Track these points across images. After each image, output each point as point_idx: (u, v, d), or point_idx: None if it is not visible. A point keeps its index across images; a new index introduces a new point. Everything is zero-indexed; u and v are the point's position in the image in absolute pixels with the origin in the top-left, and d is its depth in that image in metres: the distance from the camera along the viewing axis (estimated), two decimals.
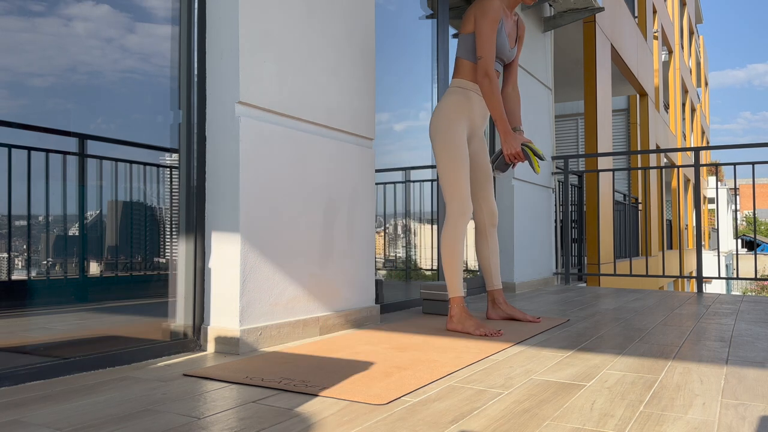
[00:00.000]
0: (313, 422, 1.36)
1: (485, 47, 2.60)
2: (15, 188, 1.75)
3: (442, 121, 2.70)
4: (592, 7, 5.14)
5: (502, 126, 2.62)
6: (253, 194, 2.19)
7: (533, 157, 2.61)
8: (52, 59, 1.83)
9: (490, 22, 2.61)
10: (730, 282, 31.97)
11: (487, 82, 2.59)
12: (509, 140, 2.63)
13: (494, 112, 2.61)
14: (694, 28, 25.86)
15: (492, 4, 2.63)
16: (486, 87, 2.60)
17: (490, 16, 2.61)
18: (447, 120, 2.69)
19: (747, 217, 53.11)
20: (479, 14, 2.63)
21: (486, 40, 2.60)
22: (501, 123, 2.62)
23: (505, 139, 2.64)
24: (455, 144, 2.67)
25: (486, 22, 2.60)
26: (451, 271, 2.63)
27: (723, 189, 39.95)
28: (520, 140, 2.64)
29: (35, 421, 1.36)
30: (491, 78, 2.59)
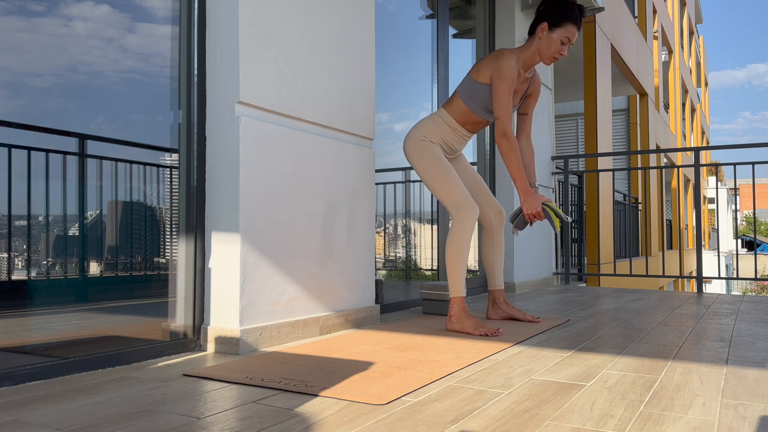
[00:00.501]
0: (313, 422, 1.36)
1: (503, 108, 2.60)
2: (15, 188, 1.75)
3: (416, 140, 2.72)
4: (592, 7, 5.14)
5: (522, 185, 2.62)
6: (253, 194, 2.19)
7: (554, 217, 2.62)
8: (52, 59, 1.83)
9: (507, 84, 2.60)
10: (730, 282, 31.97)
11: (506, 142, 2.60)
12: (529, 200, 2.63)
13: (513, 171, 2.61)
14: (694, 28, 25.87)
15: (509, 64, 2.60)
16: (505, 147, 2.60)
17: (507, 78, 2.60)
18: (420, 138, 2.72)
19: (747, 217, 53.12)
20: (496, 75, 2.61)
21: (503, 101, 2.60)
22: (520, 182, 2.62)
23: (525, 199, 2.64)
24: (433, 155, 2.69)
25: (503, 85, 2.60)
26: (455, 271, 2.62)
27: (723, 189, 39.95)
28: (540, 200, 2.64)
29: (35, 421, 1.36)
30: (510, 138, 2.59)
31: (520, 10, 4.78)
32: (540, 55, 2.70)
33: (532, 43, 2.72)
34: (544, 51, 2.69)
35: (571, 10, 2.66)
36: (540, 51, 2.69)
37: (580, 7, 2.69)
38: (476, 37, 4.65)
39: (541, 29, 2.68)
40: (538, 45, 2.70)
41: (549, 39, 2.67)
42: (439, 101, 3.95)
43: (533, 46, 2.71)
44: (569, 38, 2.68)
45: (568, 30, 2.66)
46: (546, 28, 2.67)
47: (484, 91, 2.69)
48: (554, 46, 2.67)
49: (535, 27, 2.72)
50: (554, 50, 2.68)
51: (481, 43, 4.66)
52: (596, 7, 5.15)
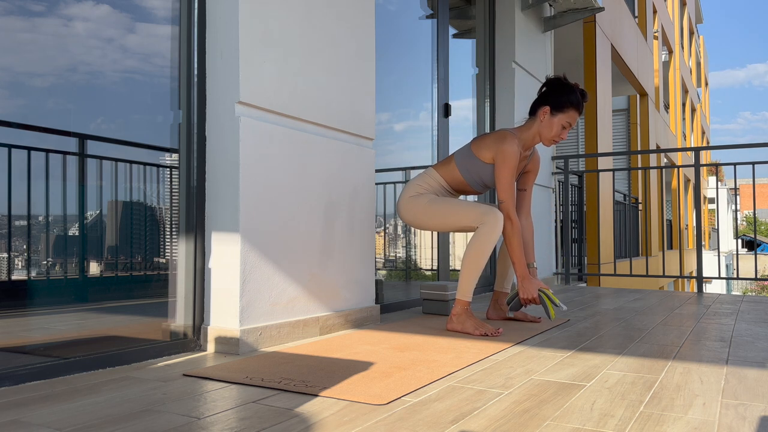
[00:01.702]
0: (313, 422, 1.36)
1: (506, 192, 2.62)
2: (15, 188, 1.75)
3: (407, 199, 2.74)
4: (592, 7, 5.14)
5: (521, 270, 2.64)
6: (253, 194, 2.19)
7: (549, 304, 2.64)
8: (52, 59, 1.83)
9: (510, 168, 2.62)
10: (730, 282, 31.97)
11: (509, 226, 2.61)
12: (527, 285, 2.65)
13: (514, 256, 2.62)
14: (694, 28, 25.87)
15: (512, 150, 2.62)
16: (508, 230, 2.62)
17: (511, 163, 2.62)
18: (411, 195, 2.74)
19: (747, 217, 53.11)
20: (500, 159, 2.62)
21: (506, 185, 2.62)
22: (519, 267, 2.64)
23: (522, 284, 2.66)
24: (426, 199, 2.70)
25: (506, 168, 2.62)
26: (470, 275, 2.60)
27: (723, 189, 39.95)
28: (537, 286, 2.66)
29: (35, 421, 1.36)
30: (513, 222, 2.61)
31: (520, 10, 4.78)
32: (540, 136, 2.73)
33: (533, 124, 2.73)
34: (545, 134, 2.71)
35: (573, 95, 2.68)
36: (541, 133, 2.72)
37: (582, 91, 2.72)
38: (476, 37, 4.66)
39: (543, 112, 2.70)
40: (539, 127, 2.72)
41: (550, 123, 2.69)
42: (439, 101, 3.95)
43: (534, 128, 2.73)
44: (570, 123, 2.70)
45: (570, 115, 2.69)
46: (548, 112, 2.69)
47: (483, 169, 2.71)
48: (555, 129, 2.69)
49: (537, 108, 2.73)
50: (555, 134, 2.70)
51: (481, 43, 4.67)
52: (596, 7, 5.15)
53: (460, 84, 4.30)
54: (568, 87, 2.69)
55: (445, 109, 3.98)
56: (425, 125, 3.92)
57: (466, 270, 2.60)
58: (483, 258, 2.58)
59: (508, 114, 4.68)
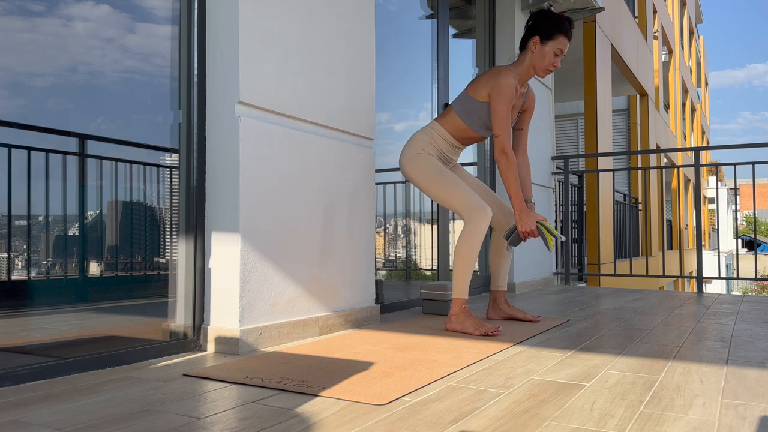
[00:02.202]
0: (313, 422, 1.36)
1: (502, 126, 2.62)
2: (15, 188, 1.75)
3: (412, 156, 2.73)
4: (592, 7, 5.14)
5: (518, 203, 2.64)
6: (253, 194, 2.19)
7: (548, 235, 2.63)
8: (52, 59, 1.83)
9: (506, 102, 2.62)
10: (730, 282, 31.96)
11: (504, 160, 2.61)
12: (524, 218, 2.65)
13: (510, 189, 2.63)
14: (694, 28, 25.87)
15: (507, 82, 2.62)
16: (503, 164, 2.62)
17: (506, 95, 2.61)
18: (417, 153, 2.73)
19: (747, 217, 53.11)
20: (495, 93, 2.62)
21: (503, 119, 2.62)
22: (516, 200, 2.64)
23: (520, 216, 2.65)
24: (432, 167, 2.69)
25: (501, 102, 2.61)
26: (462, 273, 2.61)
27: (723, 189, 39.95)
28: (535, 218, 2.65)
29: (35, 421, 1.36)
30: (509, 156, 2.61)
31: (520, 10, 4.78)
32: (534, 68, 2.74)
33: (525, 57, 2.75)
34: (538, 64, 2.72)
35: (561, 23, 2.70)
36: (534, 65, 2.73)
37: (568, 18, 2.73)
38: (476, 37, 4.65)
39: (533, 43, 2.71)
40: (531, 59, 2.73)
41: (542, 52, 2.70)
42: (439, 101, 3.95)
43: (527, 60, 2.74)
44: (561, 50, 2.72)
45: (560, 42, 2.70)
46: (538, 42, 2.70)
47: (482, 109, 2.71)
48: (547, 58, 2.71)
49: (526, 42, 2.75)
50: (548, 63, 2.71)
51: (481, 43, 4.66)
52: (596, 7, 5.15)
53: (460, 84, 4.30)
54: (554, 16, 2.72)
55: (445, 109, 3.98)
56: (425, 125, 3.92)
57: (458, 268, 2.62)
58: (472, 255, 2.60)
59: None
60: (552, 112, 5.41)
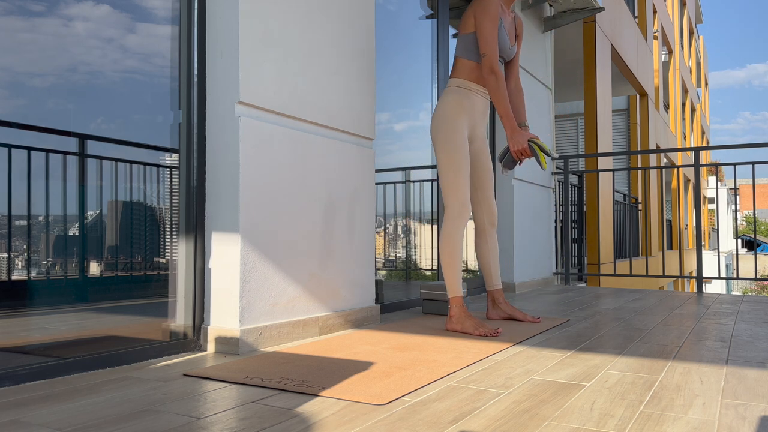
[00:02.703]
0: (313, 422, 1.36)
1: (489, 44, 2.61)
2: (15, 188, 1.75)
3: (443, 121, 2.71)
4: (592, 7, 5.14)
5: (509, 122, 2.62)
6: (253, 194, 2.19)
7: (540, 153, 2.60)
8: (52, 59, 1.83)
9: (491, 20, 2.63)
10: (730, 282, 31.96)
11: (493, 79, 2.60)
12: (516, 137, 2.63)
13: (500, 108, 2.61)
14: (694, 28, 25.86)
15: (491, 1, 2.64)
16: (492, 83, 2.60)
17: (491, 13, 2.63)
18: (447, 119, 2.70)
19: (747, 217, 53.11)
20: (479, 12, 2.64)
21: (489, 37, 2.62)
22: (507, 119, 2.62)
23: (512, 135, 2.64)
24: (456, 144, 2.67)
25: (486, 20, 2.62)
26: (450, 271, 2.63)
27: (723, 189, 39.94)
28: (527, 136, 2.64)
29: (35, 421, 1.36)
30: (497, 74, 2.60)
31: (520, 10, 4.78)
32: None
33: None
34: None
35: None
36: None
37: None
38: None
39: None
40: None
41: None
42: None
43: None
44: None
45: None
46: None
47: (475, 39, 2.72)
48: None
49: None
50: None
51: None
52: (596, 7, 5.15)
53: None
54: None
55: None
56: (425, 125, 3.93)
57: (445, 267, 2.65)
58: (455, 253, 2.62)
59: None
60: (552, 112, 5.41)
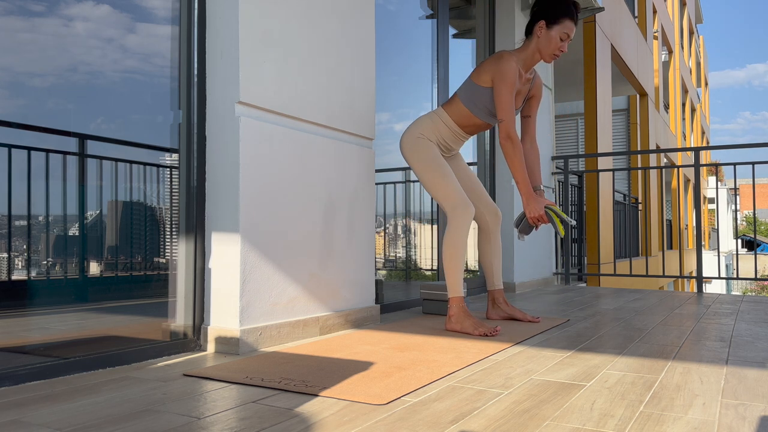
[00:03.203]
0: (313, 422, 1.36)
1: (506, 111, 2.59)
2: (15, 188, 1.75)
3: (412, 138, 2.73)
4: (592, 7, 5.14)
5: (525, 189, 2.61)
6: (253, 194, 2.19)
7: (557, 220, 2.61)
8: (52, 59, 1.83)
9: (509, 86, 2.59)
10: (730, 282, 31.96)
11: (510, 146, 2.58)
12: (532, 204, 2.62)
13: (517, 175, 2.60)
14: (694, 28, 25.86)
15: (509, 66, 2.60)
16: (509, 150, 2.59)
17: (509, 79, 2.59)
18: (417, 136, 2.72)
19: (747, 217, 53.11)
20: (497, 77, 2.60)
21: (506, 103, 2.59)
22: (523, 186, 2.61)
23: (528, 202, 2.62)
24: (430, 154, 2.68)
25: (504, 86, 2.59)
26: (452, 271, 2.63)
27: (723, 189, 39.95)
28: (543, 203, 2.63)
29: (35, 421, 1.36)
30: (514, 141, 2.58)
31: (520, 10, 4.78)
32: (540, 53, 2.70)
33: (530, 43, 2.72)
34: (544, 49, 2.69)
35: (567, 6, 2.67)
36: (540, 50, 2.70)
37: (574, 2, 2.70)
38: (476, 37, 4.65)
39: (539, 28, 2.68)
40: (537, 44, 2.70)
41: (548, 37, 2.67)
42: (439, 101, 3.95)
43: (532, 45, 2.71)
44: (568, 34, 2.68)
45: (566, 26, 2.67)
46: (544, 26, 2.68)
47: (486, 95, 2.69)
48: (554, 43, 2.67)
49: (532, 27, 2.72)
50: (554, 47, 2.68)
51: (481, 43, 4.66)
52: (596, 7, 5.15)
53: (460, 84, 4.30)
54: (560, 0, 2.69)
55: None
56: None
57: (447, 267, 2.63)
58: (458, 254, 2.60)
59: None
60: (552, 112, 5.41)
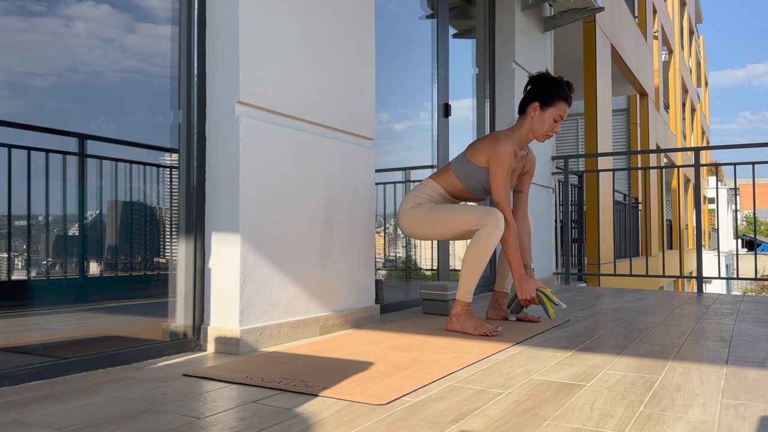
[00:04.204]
0: (313, 422, 1.36)
1: (501, 194, 2.61)
2: (15, 188, 1.75)
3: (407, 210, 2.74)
4: (592, 7, 5.14)
5: (518, 271, 2.63)
6: (253, 194, 2.19)
7: (548, 303, 2.64)
8: (52, 59, 1.83)
9: (505, 170, 2.61)
10: (730, 282, 31.96)
11: (505, 228, 2.60)
12: (524, 286, 2.65)
13: (510, 256, 2.62)
14: (694, 28, 25.86)
15: (506, 149, 2.61)
16: (504, 232, 2.61)
17: (505, 163, 2.60)
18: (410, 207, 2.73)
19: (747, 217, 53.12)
20: (494, 160, 2.61)
21: (501, 186, 2.61)
22: (516, 268, 2.63)
23: (519, 284, 2.65)
24: (427, 209, 2.69)
25: (500, 170, 2.60)
26: (470, 277, 2.59)
27: (723, 189, 39.95)
28: (535, 285, 2.65)
29: (35, 421, 1.36)
30: (509, 224, 2.60)
31: (520, 10, 4.78)
32: (533, 133, 2.73)
33: (524, 122, 2.74)
34: (537, 129, 2.71)
35: (561, 88, 2.68)
36: (533, 130, 2.72)
37: (568, 83, 2.72)
38: (476, 37, 4.65)
39: (533, 109, 2.70)
40: (530, 124, 2.72)
41: (542, 118, 2.70)
42: (439, 101, 3.95)
43: (526, 125, 2.73)
44: (561, 116, 2.70)
45: (560, 108, 2.69)
46: (538, 108, 2.69)
47: (480, 173, 2.70)
48: (547, 124, 2.70)
49: (526, 106, 2.74)
50: (547, 128, 2.70)
51: (481, 43, 4.66)
52: (596, 7, 5.15)
53: (460, 84, 4.30)
54: (554, 81, 2.69)
55: (445, 109, 3.98)
56: (425, 125, 3.93)
57: (467, 271, 2.59)
58: (483, 259, 2.57)
59: (508, 114, 4.68)
60: None
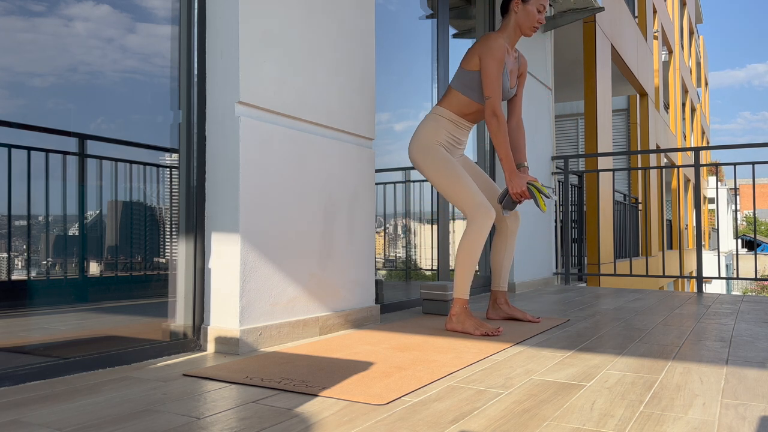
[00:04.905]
0: (313, 422, 1.36)
1: (492, 87, 2.62)
2: (15, 188, 1.75)
3: (421, 145, 2.72)
4: (592, 7, 5.14)
5: (508, 165, 2.63)
6: (253, 194, 2.19)
7: (539, 196, 2.63)
8: (52, 59, 1.83)
9: (497, 62, 2.63)
10: (730, 282, 31.96)
11: (495, 122, 2.61)
12: (514, 179, 2.64)
13: (500, 151, 2.63)
14: (694, 28, 25.86)
15: (497, 43, 2.64)
16: (494, 127, 2.61)
17: (497, 55, 2.63)
18: (425, 143, 2.71)
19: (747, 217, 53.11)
20: (485, 55, 2.63)
21: (493, 80, 2.62)
22: (506, 162, 2.63)
23: (510, 178, 2.65)
24: (442, 159, 2.68)
25: (492, 62, 2.62)
26: (464, 273, 2.61)
27: (723, 189, 39.95)
28: (525, 179, 2.65)
29: (35, 421, 1.36)
30: (499, 118, 2.61)
31: None
32: (521, 28, 2.78)
33: (509, 20, 2.79)
34: (523, 23, 2.76)
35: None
36: (520, 25, 2.77)
37: None
38: (476, 37, 4.65)
39: (515, 4, 2.76)
40: (516, 20, 2.77)
41: (525, 11, 2.75)
42: None
43: (511, 22, 2.78)
44: (543, 5, 2.76)
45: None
46: (520, 2, 2.75)
47: (477, 78, 2.72)
48: (531, 16, 2.75)
49: (508, 5, 2.79)
50: (532, 20, 2.76)
51: None
52: (596, 7, 5.15)
53: None
54: None
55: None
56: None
57: (459, 268, 2.62)
58: (473, 256, 2.60)
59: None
60: (552, 112, 5.41)
